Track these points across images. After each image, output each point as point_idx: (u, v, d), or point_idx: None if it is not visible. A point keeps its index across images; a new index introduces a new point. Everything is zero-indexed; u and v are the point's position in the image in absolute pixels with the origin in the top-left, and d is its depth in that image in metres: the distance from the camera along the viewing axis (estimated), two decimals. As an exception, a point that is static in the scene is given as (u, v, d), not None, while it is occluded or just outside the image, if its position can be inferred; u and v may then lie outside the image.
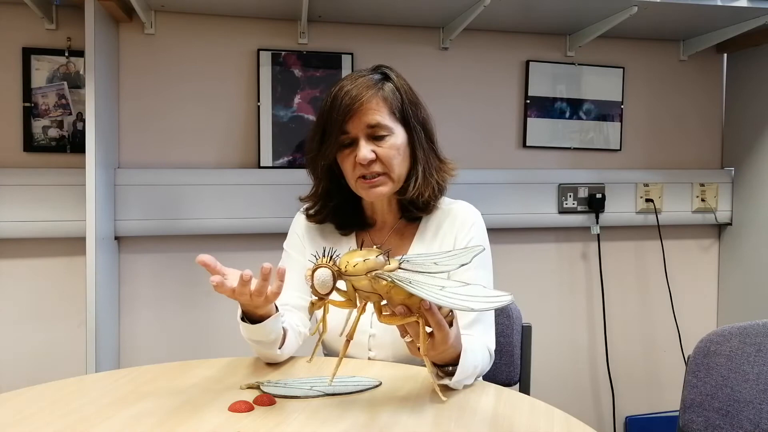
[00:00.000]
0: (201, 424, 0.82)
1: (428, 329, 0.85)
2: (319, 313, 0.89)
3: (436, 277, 0.83)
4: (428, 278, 0.82)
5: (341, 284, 0.85)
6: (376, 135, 1.10)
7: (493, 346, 1.11)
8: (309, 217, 1.22)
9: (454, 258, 0.93)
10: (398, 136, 1.12)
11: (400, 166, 1.12)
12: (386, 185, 1.12)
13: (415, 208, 1.16)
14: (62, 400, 0.91)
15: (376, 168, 1.10)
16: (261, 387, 0.95)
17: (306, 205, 1.23)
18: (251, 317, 1.00)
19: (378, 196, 1.13)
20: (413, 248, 1.17)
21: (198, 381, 1.00)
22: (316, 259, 0.84)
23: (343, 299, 0.87)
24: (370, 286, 0.83)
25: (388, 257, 0.86)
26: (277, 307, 1.03)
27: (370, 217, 1.22)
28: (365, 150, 1.09)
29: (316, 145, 1.14)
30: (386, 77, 1.14)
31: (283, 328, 1.05)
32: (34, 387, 0.97)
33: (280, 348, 1.05)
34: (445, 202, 1.22)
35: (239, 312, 1.01)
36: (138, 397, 0.92)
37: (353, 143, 1.11)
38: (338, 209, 1.20)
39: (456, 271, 0.94)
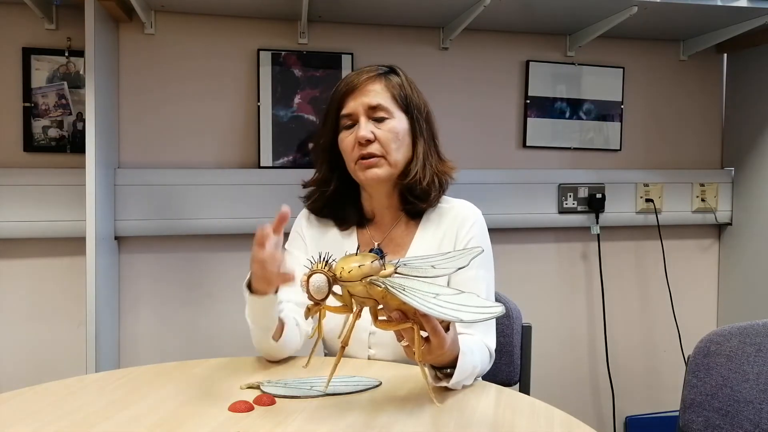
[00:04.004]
0: (201, 424, 0.82)
1: (424, 334, 0.85)
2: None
3: (431, 283, 0.83)
4: (423, 284, 0.82)
5: (337, 289, 0.85)
6: (376, 116, 1.12)
7: (493, 346, 1.11)
8: (307, 205, 1.23)
9: (452, 261, 0.93)
10: (399, 121, 1.13)
11: (397, 151, 1.13)
12: (383, 168, 1.12)
13: (414, 197, 1.16)
14: (62, 400, 0.91)
15: (374, 149, 1.11)
16: (261, 387, 0.95)
17: (307, 192, 1.23)
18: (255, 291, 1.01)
19: (374, 177, 1.13)
20: (414, 246, 1.17)
21: (198, 381, 1.00)
22: (312, 264, 0.84)
23: (339, 304, 0.87)
24: (365, 291, 0.83)
25: (383, 262, 0.85)
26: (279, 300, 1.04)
27: (369, 211, 1.22)
28: (364, 129, 1.10)
29: (320, 127, 1.18)
30: (393, 71, 1.18)
31: (281, 319, 1.06)
32: (34, 387, 0.97)
33: (276, 339, 1.05)
34: (446, 200, 1.22)
35: (246, 279, 1.03)
36: (138, 397, 0.92)
37: (354, 126, 1.13)
38: (336, 200, 1.20)
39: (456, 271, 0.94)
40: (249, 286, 1.02)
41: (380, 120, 1.12)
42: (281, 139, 1.88)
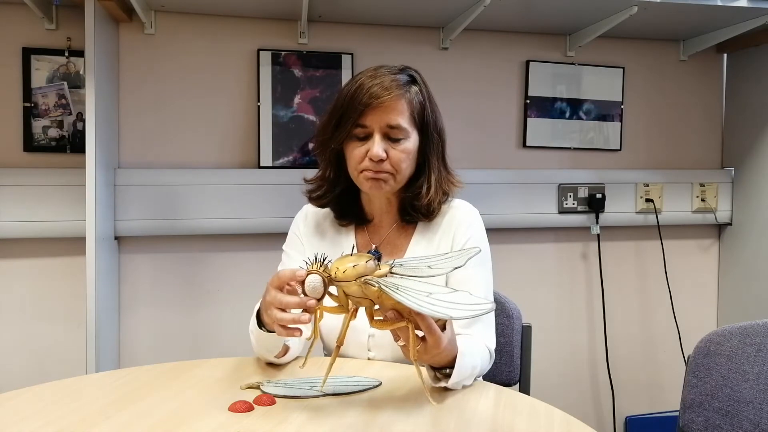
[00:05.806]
0: (201, 424, 0.82)
1: (420, 333, 0.85)
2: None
3: (426, 282, 0.84)
4: (417, 284, 0.82)
5: (333, 289, 0.86)
6: (392, 136, 1.10)
7: (493, 346, 1.11)
8: (312, 199, 1.21)
9: (449, 261, 0.93)
10: (412, 140, 1.12)
11: (406, 169, 1.13)
12: (389, 183, 1.12)
13: (419, 213, 1.16)
14: (62, 400, 0.91)
15: (385, 167, 1.10)
16: (261, 387, 0.95)
17: (310, 187, 1.22)
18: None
19: (378, 190, 1.13)
20: (411, 247, 1.17)
21: (198, 381, 1.00)
22: (307, 265, 0.84)
23: (335, 304, 0.88)
24: (360, 291, 0.84)
25: (379, 262, 0.86)
26: None
27: (368, 213, 1.22)
28: (379, 147, 1.08)
29: (331, 129, 1.14)
30: (413, 80, 1.15)
31: (286, 345, 1.05)
32: (34, 387, 0.97)
33: (279, 357, 1.06)
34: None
35: (256, 308, 1.02)
36: (138, 397, 0.92)
37: (367, 137, 1.11)
38: (339, 197, 1.20)
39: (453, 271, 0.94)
40: (259, 314, 1.01)
41: (396, 140, 1.10)
42: (281, 139, 1.88)
